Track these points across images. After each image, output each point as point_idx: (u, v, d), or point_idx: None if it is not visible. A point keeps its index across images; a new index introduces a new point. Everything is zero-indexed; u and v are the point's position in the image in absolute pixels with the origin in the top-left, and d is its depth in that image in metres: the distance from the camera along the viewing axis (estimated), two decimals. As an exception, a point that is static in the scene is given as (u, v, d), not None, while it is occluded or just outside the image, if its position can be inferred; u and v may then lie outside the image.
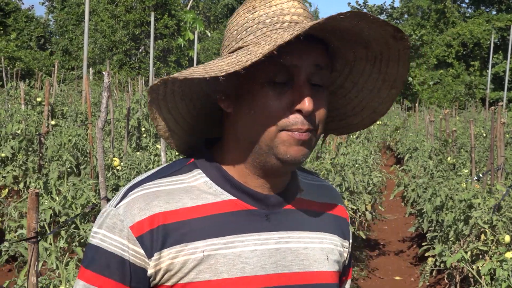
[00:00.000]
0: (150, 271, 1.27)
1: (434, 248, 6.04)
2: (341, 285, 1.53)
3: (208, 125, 1.46)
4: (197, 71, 1.24)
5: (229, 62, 1.24)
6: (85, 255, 1.32)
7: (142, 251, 1.26)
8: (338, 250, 1.45)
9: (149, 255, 1.27)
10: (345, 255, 1.50)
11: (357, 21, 1.22)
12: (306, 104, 1.24)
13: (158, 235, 1.27)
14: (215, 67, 1.24)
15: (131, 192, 1.32)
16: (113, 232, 1.28)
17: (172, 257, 1.27)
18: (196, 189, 1.34)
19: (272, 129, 1.27)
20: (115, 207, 1.30)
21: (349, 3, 47.96)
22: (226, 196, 1.33)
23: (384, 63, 1.35)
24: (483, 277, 4.79)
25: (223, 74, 1.19)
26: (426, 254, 6.28)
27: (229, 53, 1.32)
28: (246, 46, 1.29)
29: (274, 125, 1.26)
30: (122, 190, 1.34)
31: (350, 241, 1.53)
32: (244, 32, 1.31)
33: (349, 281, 1.59)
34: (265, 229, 1.33)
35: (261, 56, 1.17)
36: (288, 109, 1.26)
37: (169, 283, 1.28)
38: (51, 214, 4.72)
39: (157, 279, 1.28)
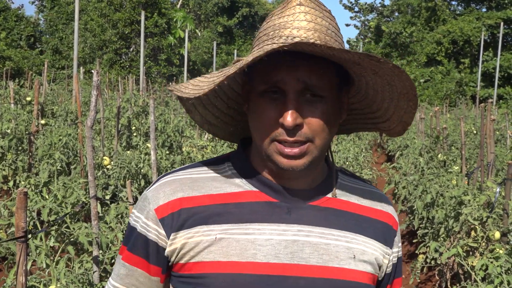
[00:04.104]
0: (167, 250, 1.37)
1: (425, 245, 6.05)
2: None
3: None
4: (188, 87, 1.35)
5: (212, 80, 1.32)
6: (125, 233, 1.45)
7: (163, 231, 1.36)
8: (373, 254, 1.44)
9: (168, 236, 1.36)
10: (386, 262, 1.48)
11: (312, 48, 1.24)
12: (287, 118, 1.28)
13: (178, 217, 1.36)
14: (204, 83, 1.34)
15: (162, 178, 1.43)
16: (142, 213, 1.40)
17: (187, 237, 1.35)
18: (222, 179, 1.41)
19: (267, 138, 1.33)
20: (147, 191, 1.42)
21: (340, 1, 48.04)
22: (249, 187, 1.40)
23: (388, 76, 1.34)
24: (473, 273, 4.80)
25: (192, 97, 1.31)
26: (417, 251, 6.29)
27: (233, 63, 1.37)
28: (243, 59, 1.34)
29: (267, 135, 1.32)
30: (158, 177, 1.45)
31: (396, 249, 1.51)
32: (256, 41, 1.38)
33: None
34: (285, 221, 1.37)
35: (219, 82, 1.25)
36: (277, 121, 1.31)
37: (182, 261, 1.36)
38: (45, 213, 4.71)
39: (173, 257, 1.37)
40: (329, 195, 1.44)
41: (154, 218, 1.37)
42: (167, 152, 8.89)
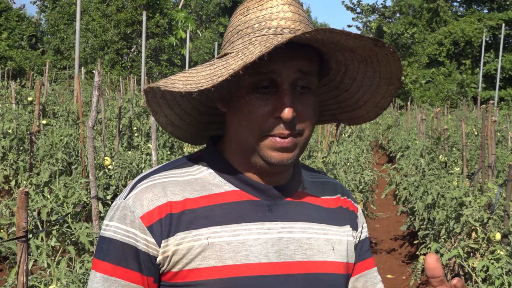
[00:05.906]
0: (158, 259, 1.31)
1: (426, 246, 6.05)
2: (354, 274, 1.54)
3: (218, 118, 1.51)
4: (178, 83, 1.28)
5: (207, 74, 1.27)
6: (98, 248, 1.35)
7: (153, 240, 1.30)
8: (347, 241, 1.48)
9: (159, 244, 1.30)
10: (356, 242, 1.52)
11: (329, 35, 1.24)
12: (286, 111, 1.27)
13: (166, 223, 1.30)
14: (196, 77, 1.27)
15: (139, 184, 1.35)
16: (124, 223, 1.31)
17: (177, 244, 1.30)
18: (201, 181, 1.38)
19: (256, 134, 1.31)
20: (124, 199, 1.34)
21: (342, 1, 48.00)
22: (229, 187, 1.38)
23: (376, 63, 1.37)
24: (473, 275, 4.80)
25: (195, 90, 1.23)
26: (418, 253, 6.29)
27: (217, 58, 1.35)
28: (230, 53, 1.32)
29: (258, 130, 1.30)
30: (131, 183, 1.38)
31: (360, 229, 1.55)
32: (236, 35, 1.35)
33: (372, 271, 1.57)
34: (268, 219, 1.37)
35: (227, 76, 1.20)
36: (270, 115, 1.30)
37: (175, 269, 1.31)
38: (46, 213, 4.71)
39: (165, 266, 1.31)
40: (300, 189, 1.45)
41: (141, 226, 1.30)
42: (168, 152, 8.88)
